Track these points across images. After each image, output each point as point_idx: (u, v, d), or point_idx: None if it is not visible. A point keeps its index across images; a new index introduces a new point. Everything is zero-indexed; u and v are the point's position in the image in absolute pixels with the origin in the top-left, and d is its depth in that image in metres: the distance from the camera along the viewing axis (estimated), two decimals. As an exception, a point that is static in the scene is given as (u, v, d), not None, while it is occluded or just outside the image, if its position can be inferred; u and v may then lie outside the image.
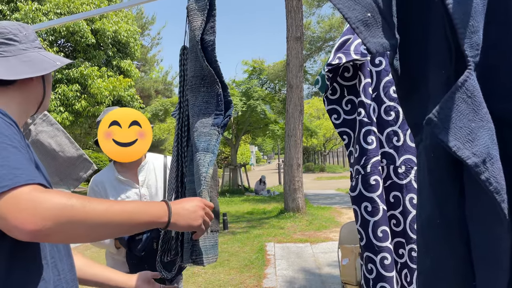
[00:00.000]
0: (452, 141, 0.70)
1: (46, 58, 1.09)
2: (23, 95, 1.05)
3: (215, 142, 1.28)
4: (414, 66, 0.88)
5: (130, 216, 0.87)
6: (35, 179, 0.78)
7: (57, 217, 0.75)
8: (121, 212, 0.85)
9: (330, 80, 1.64)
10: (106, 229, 0.84)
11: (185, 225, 1.03)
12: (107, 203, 0.86)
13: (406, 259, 1.54)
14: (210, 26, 1.30)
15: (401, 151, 1.58)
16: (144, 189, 1.94)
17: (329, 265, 5.65)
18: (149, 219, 0.92)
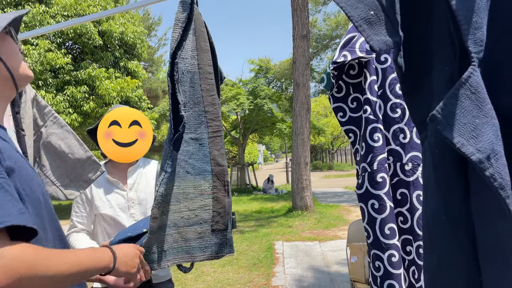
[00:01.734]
0: (456, 138, 0.70)
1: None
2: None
3: (167, 159, 1.30)
4: (418, 63, 0.88)
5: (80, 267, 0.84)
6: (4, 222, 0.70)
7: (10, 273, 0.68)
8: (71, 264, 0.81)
9: (335, 78, 1.64)
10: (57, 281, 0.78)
11: (125, 272, 1.04)
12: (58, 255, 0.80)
13: (414, 256, 1.54)
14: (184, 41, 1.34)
15: (408, 148, 1.57)
16: (132, 192, 1.88)
17: (338, 263, 5.64)
18: (96, 267, 0.91)
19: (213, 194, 1.35)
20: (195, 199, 1.34)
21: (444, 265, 0.80)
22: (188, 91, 1.36)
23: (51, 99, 11.45)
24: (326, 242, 7.02)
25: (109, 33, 12.95)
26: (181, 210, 1.32)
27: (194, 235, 1.33)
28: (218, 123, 1.38)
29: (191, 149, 1.35)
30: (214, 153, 1.37)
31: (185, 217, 1.33)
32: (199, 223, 1.34)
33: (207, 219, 1.34)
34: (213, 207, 1.34)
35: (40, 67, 11.07)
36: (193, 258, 1.33)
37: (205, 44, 1.39)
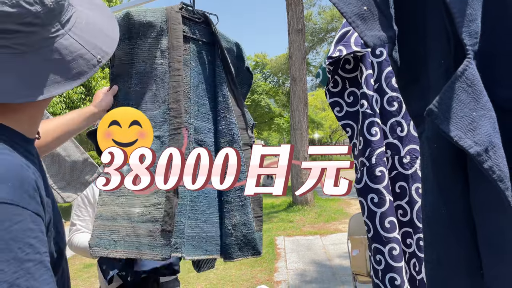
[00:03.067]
0: (454, 131, 0.70)
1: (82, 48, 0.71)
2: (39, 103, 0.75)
3: None
4: (413, 57, 0.87)
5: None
6: None
7: None
8: None
9: (331, 73, 1.64)
10: None
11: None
12: None
13: (414, 249, 1.54)
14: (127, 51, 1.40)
15: (406, 141, 1.57)
16: None
17: (339, 257, 5.66)
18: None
19: (166, 192, 1.34)
20: (151, 196, 1.35)
21: (444, 258, 0.80)
22: (159, 90, 1.39)
23: (47, 101, 11.42)
24: (327, 235, 7.04)
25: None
26: (138, 206, 1.34)
27: (146, 232, 1.33)
28: (179, 120, 1.38)
29: (153, 147, 1.36)
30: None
31: (140, 212, 1.34)
32: (151, 221, 1.34)
33: (159, 218, 1.34)
34: (165, 206, 1.34)
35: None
36: (142, 255, 1.33)
37: (176, 41, 1.40)
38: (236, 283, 4.89)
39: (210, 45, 1.53)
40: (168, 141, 1.36)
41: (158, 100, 1.38)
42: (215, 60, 1.52)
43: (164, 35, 1.39)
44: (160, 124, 1.38)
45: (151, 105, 1.38)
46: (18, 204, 0.62)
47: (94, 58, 0.72)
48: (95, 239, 1.30)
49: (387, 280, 1.49)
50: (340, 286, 4.54)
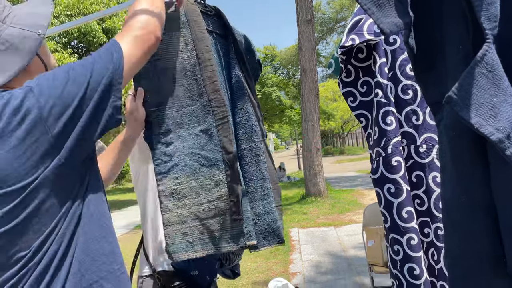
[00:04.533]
0: (474, 118, 0.68)
1: (25, 30, 0.91)
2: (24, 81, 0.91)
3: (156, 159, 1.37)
4: (430, 43, 0.86)
5: None
6: None
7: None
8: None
9: (344, 62, 1.62)
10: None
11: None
12: None
13: (432, 238, 1.53)
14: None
15: (421, 129, 1.55)
16: None
17: (354, 248, 5.65)
18: None
19: (228, 183, 1.34)
20: (212, 190, 1.34)
21: (466, 246, 0.79)
22: (192, 84, 1.36)
23: (60, 100, 11.54)
24: (341, 227, 7.02)
25: (113, 30, 12.97)
26: (202, 202, 1.33)
27: (217, 226, 1.33)
28: (223, 109, 1.36)
29: (202, 141, 1.35)
30: (223, 140, 1.35)
31: (206, 209, 1.33)
32: (220, 214, 1.34)
33: (226, 209, 1.34)
34: (229, 196, 1.34)
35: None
36: (219, 249, 1.34)
37: (200, 32, 1.38)
38: (251, 275, 4.92)
39: (223, 37, 1.52)
40: (217, 131, 1.35)
41: (193, 94, 1.35)
42: (229, 52, 1.51)
43: (185, 28, 1.37)
44: (203, 117, 1.35)
45: (187, 100, 1.34)
46: None
47: (35, 33, 0.92)
48: (171, 245, 1.29)
49: (405, 270, 1.48)
50: (356, 276, 4.53)
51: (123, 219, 10.07)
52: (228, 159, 1.35)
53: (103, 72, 0.84)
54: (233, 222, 1.35)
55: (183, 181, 1.31)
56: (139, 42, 0.94)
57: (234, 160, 1.36)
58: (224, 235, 1.34)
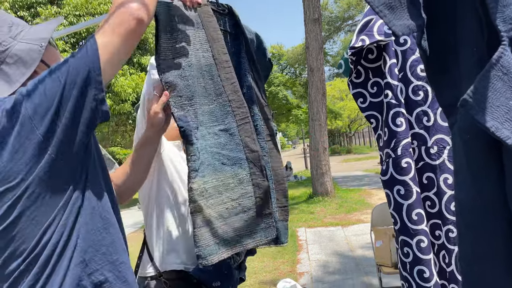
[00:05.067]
0: (490, 122, 0.67)
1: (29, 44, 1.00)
2: None
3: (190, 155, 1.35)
4: (443, 45, 0.85)
5: None
6: None
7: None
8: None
9: (353, 63, 1.61)
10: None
11: None
12: None
13: (444, 241, 1.51)
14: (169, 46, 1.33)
15: (432, 131, 1.53)
16: None
17: (362, 248, 5.62)
18: None
19: (253, 180, 1.36)
20: (236, 188, 1.35)
21: (480, 249, 0.78)
22: (209, 84, 1.36)
23: (69, 99, 11.61)
24: (349, 226, 7.00)
25: (120, 29, 13.03)
26: (225, 201, 1.34)
27: (242, 223, 1.35)
28: (244, 109, 1.38)
29: (222, 141, 1.36)
30: (246, 140, 1.37)
31: (229, 207, 1.34)
32: (244, 211, 1.35)
33: (251, 206, 1.35)
34: (255, 193, 1.36)
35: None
36: (244, 246, 1.36)
37: (215, 34, 1.39)
38: (259, 275, 4.92)
39: (234, 36, 1.52)
40: (239, 131, 1.37)
41: (210, 93, 1.36)
42: (240, 51, 1.51)
43: (200, 28, 1.38)
44: (222, 117, 1.36)
45: (205, 99, 1.36)
46: None
47: (37, 45, 1.00)
48: (204, 248, 1.28)
49: (415, 272, 1.47)
50: (364, 277, 4.51)
51: (130, 218, 10.12)
52: (252, 158, 1.37)
53: (79, 68, 0.88)
54: (261, 217, 1.36)
55: (208, 180, 1.32)
56: (116, 27, 0.93)
57: (259, 158, 1.38)
58: (249, 231, 1.35)
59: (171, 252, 1.65)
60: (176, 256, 1.65)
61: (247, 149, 1.37)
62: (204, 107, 1.35)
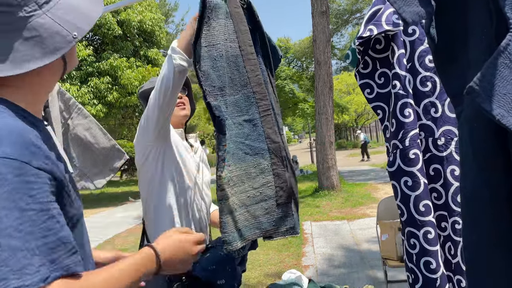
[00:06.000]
0: (496, 110, 0.67)
1: (60, 25, 0.77)
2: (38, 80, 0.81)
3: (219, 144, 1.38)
4: (451, 33, 0.84)
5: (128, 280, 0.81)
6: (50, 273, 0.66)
7: None
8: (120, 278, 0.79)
9: (361, 53, 1.60)
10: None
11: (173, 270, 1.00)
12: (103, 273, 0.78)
13: (450, 232, 1.51)
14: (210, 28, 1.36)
15: (440, 122, 1.52)
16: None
17: (367, 241, 5.63)
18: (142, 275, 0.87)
19: (273, 170, 1.39)
20: (257, 177, 1.39)
21: (485, 240, 0.78)
22: (234, 74, 1.39)
23: (76, 91, 11.68)
24: (354, 220, 7.00)
25: (127, 22, 13.04)
26: (247, 190, 1.37)
27: (262, 211, 1.38)
28: (266, 102, 1.41)
29: (246, 131, 1.39)
30: (268, 131, 1.40)
31: (251, 196, 1.37)
32: (264, 199, 1.39)
33: (271, 195, 1.39)
34: (275, 182, 1.39)
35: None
36: (264, 233, 1.39)
37: (242, 25, 1.41)
38: (264, 268, 4.94)
39: (251, 31, 1.51)
40: (261, 122, 1.40)
41: (235, 84, 1.39)
42: (256, 46, 1.50)
43: (228, 18, 1.40)
44: (246, 107, 1.39)
45: (230, 89, 1.38)
46: (18, 158, 0.68)
47: (70, 34, 0.78)
48: (229, 234, 1.31)
49: (422, 264, 1.47)
50: (369, 270, 4.52)
51: (135, 210, 10.20)
52: (274, 149, 1.40)
53: None
54: (281, 206, 1.40)
55: (232, 169, 1.36)
56: None
57: (281, 149, 1.42)
58: (268, 219, 1.39)
59: None
60: None
61: (269, 140, 1.40)
62: (230, 98, 1.38)
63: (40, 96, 0.84)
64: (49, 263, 0.66)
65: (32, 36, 0.75)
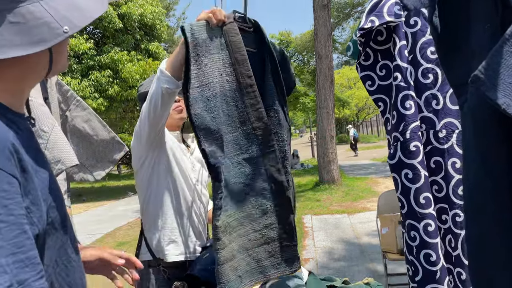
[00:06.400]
0: (501, 99, 0.66)
1: (49, 16, 0.71)
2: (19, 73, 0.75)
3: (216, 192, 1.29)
4: (455, 22, 0.83)
5: None
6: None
7: None
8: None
9: (362, 45, 1.58)
10: None
11: None
12: None
13: (450, 225, 1.50)
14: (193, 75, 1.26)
15: (441, 114, 1.51)
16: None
17: (367, 235, 5.63)
18: None
19: (276, 212, 1.32)
20: (259, 219, 1.31)
21: (488, 232, 0.77)
22: (232, 111, 1.30)
23: (77, 85, 11.66)
24: (355, 214, 7.00)
25: (128, 15, 12.98)
26: (248, 233, 1.30)
27: (265, 254, 1.31)
28: (269, 137, 1.32)
29: (246, 170, 1.30)
30: (271, 169, 1.31)
31: (253, 239, 1.30)
32: (267, 242, 1.31)
33: (275, 237, 1.31)
34: (279, 224, 1.32)
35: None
36: (268, 276, 1.32)
37: (240, 54, 1.31)
38: (264, 261, 4.95)
39: (259, 54, 1.41)
40: (263, 160, 1.31)
41: (234, 121, 1.29)
42: (265, 72, 1.41)
43: (224, 49, 1.30)
44: (246, 145, 1.30)
45: (228, 127, 1.29)
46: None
47: (61, 28, 0.72)
48: (225, 284, 1.23)
49: (421, 256, 1.46)
50: (369, 263, 4.52)
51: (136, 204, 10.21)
52: (277, 189, 1.32)
53: None
54: (285, 248, 1.33)
55: (231, 214, 1.27)
56: None
57: (284, 189, 1.33)
58: (273, 262, 1.31)
59: (170, 243, 1.65)
60: (175, 247, 1.66)
61: (271, 179, 1.31)
62: (228, 136, 1.29)
63: (21, 91, 0.78)
64: (17, 284, 0.60)
65: (17, 22, 0.69)
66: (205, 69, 1.27)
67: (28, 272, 0.62)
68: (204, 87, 1.26)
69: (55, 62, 0.79)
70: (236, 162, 1.29)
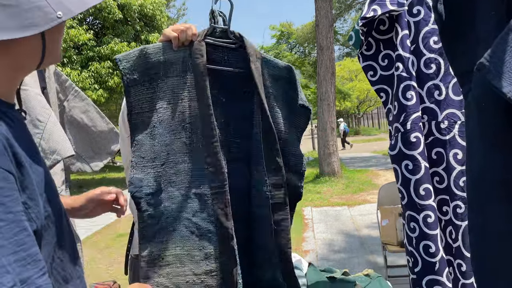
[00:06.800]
0: (507, 87, 0.64)
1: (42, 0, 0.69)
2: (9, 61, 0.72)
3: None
4: (460, 9, 0.81)
5: None
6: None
7: None
8: None
9: (364, 35, 1.56)
10: None
11: None
12: None
13: (451, 216, 1.50)
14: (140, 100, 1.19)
15: (444, 105, 1.50)
16: None
17: (367, 227, 5.64)
18: None
19: (219, 259, 1.19)
20: (201, 262, 1.19)
21: (492, 223, 0.76)
22: (191, 139, 1.20)
23: (76, 76, 11.62)
24: (355, 206, 7.01)
25: (128, 6, 12.89)
26: (186, 274, 1.18)
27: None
28: (221, 176, 1.18)
29: (194, 206, 1.19)
30: (218, 212, 1.18)
31: (190, 281, 1.18)
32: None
33: (214, 286, 1.18)
34: (220, 273, 1.18)
35: (64, 44, 11.21)
36: None
37: (201, 79, 1.18)
38: (264, 252, 4.97)
39: (247, 73, 1.25)
40: (212, 200, 1.19)
41: (191, 150, 1.19)
42: (253, 95, 1.27)
43: (189, 71, 1.19)
44: (198, 180, 1.19)
45: (183, 156, 1.19)
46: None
47: (54, 13, 0.69)
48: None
49: (421, 247, 1.46)
50: (369, 255, 4.54)
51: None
52: (222, 234, 1.18)
53: None
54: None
55: (168, 247, 1.17)
56: None
57: (229, 237, 1.18)
58: None
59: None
60: None
61: (218, 222, 1.18)
62: (181, 166, 1.19)
63: (12, 81, 0.75)
64: (20, 283, 0.59)
65: (9, 4, 0.66)
66: (159, 93, 1.18)
67: (30, 269, 0.61)
68: (154, 111, 1.17)
69: (48, 51, 0.76)
70: (185, 195, 1.19)
